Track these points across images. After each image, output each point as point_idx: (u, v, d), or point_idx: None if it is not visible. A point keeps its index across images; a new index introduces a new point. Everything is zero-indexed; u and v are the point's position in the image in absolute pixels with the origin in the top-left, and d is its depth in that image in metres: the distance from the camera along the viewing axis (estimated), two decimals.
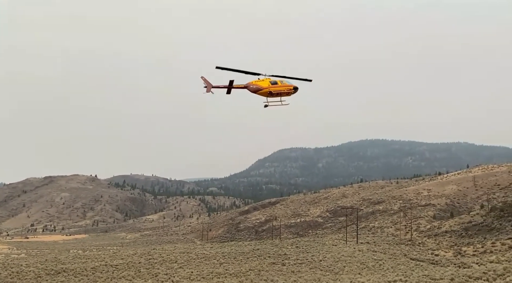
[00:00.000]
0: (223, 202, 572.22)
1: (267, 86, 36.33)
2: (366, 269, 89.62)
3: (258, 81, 36.18)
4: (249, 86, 36.01)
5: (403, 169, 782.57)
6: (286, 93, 37.19)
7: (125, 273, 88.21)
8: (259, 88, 36.17)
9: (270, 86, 36.36)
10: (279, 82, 36.66)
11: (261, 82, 36.24)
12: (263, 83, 36.27)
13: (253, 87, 36.06)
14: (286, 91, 37.06)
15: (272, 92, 36.55)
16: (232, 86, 34.87)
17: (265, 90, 36.39)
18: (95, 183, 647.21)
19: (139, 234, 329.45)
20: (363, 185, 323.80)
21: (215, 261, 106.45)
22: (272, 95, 36.92)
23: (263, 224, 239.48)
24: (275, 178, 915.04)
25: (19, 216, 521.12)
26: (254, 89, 36.12)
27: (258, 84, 36.13)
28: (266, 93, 36.55)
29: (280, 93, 37.01)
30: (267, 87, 36.36)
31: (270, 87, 36.37)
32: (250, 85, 36.08)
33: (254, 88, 36.10)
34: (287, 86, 36.95)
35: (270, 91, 36.49)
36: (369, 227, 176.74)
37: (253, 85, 36.06)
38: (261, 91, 36.35)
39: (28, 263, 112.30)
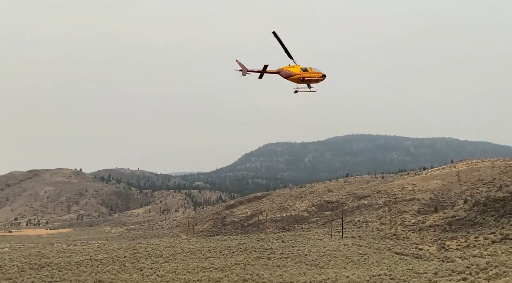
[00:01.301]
0: (209, 196, 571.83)
1: (298, 73, 36.98)
2: (351, 263, 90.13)
3: (290, 67, 36.73)
4: (281, 71, 36.57)
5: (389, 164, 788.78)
6: (315, 80, 37.87)
7: (110, 267, 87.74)
8: (291, 74, 36.77)
9: (302, 72, 37.00)
10: (309, 69, 37.37)
11: (293, 68, 36.83)
12: (294, 69, 36.85)
13: (285, 73, 36.65)
14: (315, 78, 37.72)
15: (305, 78, 37.13)
16: (265, 71, 35.35)
17: (297, 76, 37.02)
18: (80, 177, 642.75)
19: (124, 228, 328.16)
20: (348, 180, 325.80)
21: (200, 255, 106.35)
22: (303, 82, 37.52)
23: (249, 218, 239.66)
24: (261, 173, 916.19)
25: (2, 210, 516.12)
26: (286, 75, 36.66)
27: (290, 70, 36.74)
28: (297, 79, 37.19)
29: (310, 80, 37.59)
30: (299, 74, 37.01)
31: (302, 74, 37.04)
32: (282, 70, 36.62)
33: (286, 74, 36.66)
34: (317, 74, 37.64)
35: (302, 78, 37.08)
36: (354, 222, 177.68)
37: (285, 71, 36.65)
38: (292, 77, 36.91)
39: (11, 257, 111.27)
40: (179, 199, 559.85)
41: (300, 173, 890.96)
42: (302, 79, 37.23)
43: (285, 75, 36.69)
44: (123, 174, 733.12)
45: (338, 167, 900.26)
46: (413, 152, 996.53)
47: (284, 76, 36.73)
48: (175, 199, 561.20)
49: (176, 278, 71.53)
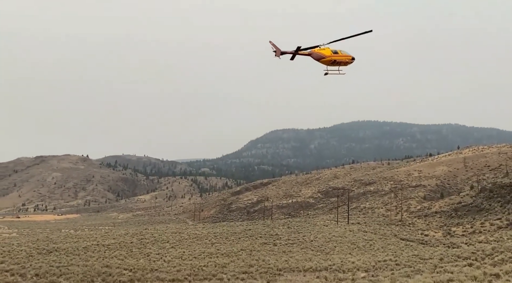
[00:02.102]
0: (215, 183, 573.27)
1: (329, 55, 37.32)
2: (356, 249, 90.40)
3: (321, 50, 37.00)
4: (312, 53, 36.87)
5: (395, 151, 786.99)
6: (345, 63, 38.29)
7: (117, 252, 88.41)
8: (322, 56, 37.11)
9: (332, 55, 37.37)
10: (339, 52, 37.73)
11: (324, 51, 37.15)
12: (325, 51, 37.17)
13: (317, 55, 36.95)
14: (345, 61, 38.13)
15: (336, 61, 37.53)
16: (297, 52, 35.64)
17: (328, 58, 37.33)
18: (87, 163, 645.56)
19: (131, 214, 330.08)
20: (354, 166, 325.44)
21: (207, 241, 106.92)
22: (334, 64, 37.91)
23: (255, 204, 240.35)
24: (267, 159, 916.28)
25: (10, 196, 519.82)
26: (317, 57, 36.98)
27: (321, 52, 37.05)
28: (328, 61, 37.48)
29: (340, 62, 38.02)
30: (330, 56, 37.34)
31: (333, 56, 37.38)
32: (314, 52, 36.93)
33: (317, 56, 36.97)
34: (347, 56, 38.08)
35: (334, 60, 37.47)
36: (360, 208, 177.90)
37: (317, 53, 36.96)
38: (324, 59, 37.19)
39: (19, 242, 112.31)
40: (185, 186, 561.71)
41: (306, 160, 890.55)
42: (333, 61, 37.58)
43: (317, 57, 37.02)
44: (129, 161, 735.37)
45: (344, 154, 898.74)
46: (419, 138, 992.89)
47: (315, 58, 37.06)
48: (181, 185, 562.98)
49: (183, 263, 72.01)
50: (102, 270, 60.03)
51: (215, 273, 58.81)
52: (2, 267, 62.31)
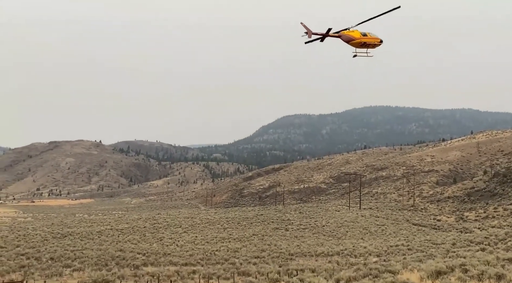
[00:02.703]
0: (227, 168, 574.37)
1: (359, 37, 37.54)
2: (368, 234, 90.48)
3: (350, 32, 37.21)
4: (342, 35, 37.12)
5: (407, 136, 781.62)
6: (373, 45, 38.51)
7: (130, 237, 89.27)
8: (352, 39, 37.33)
9: (362, 37, 37.60)
10: (368, 34, 37.91)
11: (353, 33, 37.38)
12: (354, 34, 37.40)
13: (346, 37, 37.19)
14: (373, 43, 38.35)
15: (366, 43, 37.74)
16: (327, 34, 35.83)
17: (357, 40, 37.56)
18: (100, 148, 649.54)
19: (144, 199, 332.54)
20: (366, 152, 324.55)
21: (219, 226, 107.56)
22: (363, 46, 38.12)
23: (266, 190, 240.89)
24: (279, 145, 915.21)
25: (25, 181, 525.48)
26: (347, 39, 37.22)
27: (351, 34, 37.28)
28: (357, 43, 37.73)
29: (369, 45, 38.24)
30: (359, 38, 37.56)
31: (362, 38, 37.59)
32: (343, 35, 37.16)
33: (347, 38, 37.21)
34: (375, 39, 38.32)
35: (363, 42, 37.66)
36: (372, 193, 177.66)
37: (347, 35, 37.21)
38: (353, 41, 37.41)
39: (34, 226, 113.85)
40: (197, 171, 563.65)
41: (317, 145, 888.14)
42: (362, 43, 37.70)
43: (346, 39, 37.17)
44: (141, 146, 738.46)
45: (356, 139, 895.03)
46: (432, 123, 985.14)
47: (344, 40, 37.23)
48: (193, 171, 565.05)
49: (195, 248, 72.56)
50: (116, 254, 60.74)
51: (227, 258, 59.23)
52: (17, 251, 63.27)
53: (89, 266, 50.34)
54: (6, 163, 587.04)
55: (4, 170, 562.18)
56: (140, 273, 45.07)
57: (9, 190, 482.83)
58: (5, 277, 39.22)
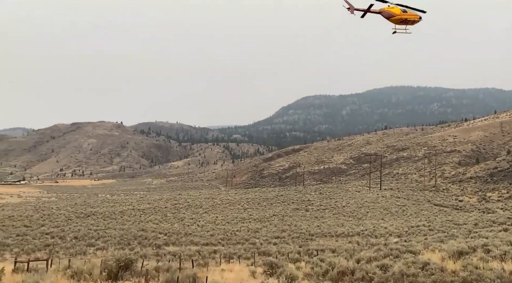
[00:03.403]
0: (247, 149, 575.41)
1: (399, 13, 37.31)
2: (389, 214, 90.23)
3: (390, 8, 36.96)
4: (383, 11, 36.95)
5: (429, 116, 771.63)
6: (412, 22, 38.33)
7: (152, 217, 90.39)
8: (392, 15, 37.09)
9: (402, 13, 37.33)
10: (408, 11, 37.71)
11: (393, 9, 37.14)
12: (395, 10, 37.16)
13: (387, 13, 36.96)
14: (413, 20, 38.17)
15: (406, 19, 37.63)
16: (369, 10, 35.73)
17: (398, 17, 37.33)
18: (121, 129, 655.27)
19: (165, 180, 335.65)
20: (387, 132, 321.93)
21: (239, 207, 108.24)
22: (402, 23, 38.01)
23: (286, 170, 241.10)
24: (299, 126, 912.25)
25: (48, 161, 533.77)
26: (387, 15, 36.99)
27: (391, 11, 37.08)
28: (398, 20, 37.52)
29: (408, 21, 38.12)
30: (400, 14, 37.33)
31: (402, 15, 37.36)
32: (384, 11, 36.99)
33: (387, 14, 36.99)
34: (415, 15, 38.07)
35: (403, 19, 37.48)
36: (393, 174, 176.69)
37: (387, 11, 36.98)
38: (393, 18, 37.19)
39: (58, 206, 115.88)
40: (217, 152, 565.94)
41: (337, 126, 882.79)
42: (401, 20, 37.42)
43: (387, 15, 36.85)
44: (162, 127, 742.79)
45: (377, 120, 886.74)
46: (455, 103, 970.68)
47: (385, 16, 36.91)
48: (213, 151, 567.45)
49: (216, 228, 73.21)
50: (138, 234, 61.63)
51: (247, 238, 59.65)
52: (42, 230, 64.57)
53: (112, 245, 51.20)
54: (30, 144, 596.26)
55: (28, 151, 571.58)
56: (162, 253, 45.72)
57: (33, 170, 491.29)
58: (31, 256, 40.12)
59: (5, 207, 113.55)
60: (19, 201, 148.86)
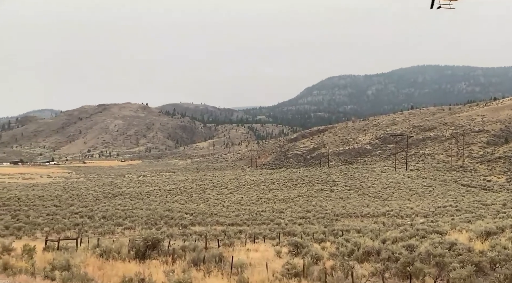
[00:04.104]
0: (271, 130, 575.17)
1: None
2: (415, 195, 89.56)
3: None
4: None
5: (456, 95, 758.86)
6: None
7: (177, 197, 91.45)
8: None
9: None
10: None
11: None
12: None
13: None
14: None
15: None
16: None
17: None
18: (147, 111, 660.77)
19: (190, 161, 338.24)
20: (413, 112, 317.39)
21: (264, 187, 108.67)
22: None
23: (311, 151, 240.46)
24: (323, 106, 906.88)
25: (76, 142, 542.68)
26: None
27: None
28: None
29: None
30: None
31: None
32: None
33: None
34: None
35: None
36: (419, 154, 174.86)
37: None
38: None
39: (87, 186, 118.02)
40: (242, 133, 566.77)
41: (363, 106, 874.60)
42: None
43: None
44: (187, 109, 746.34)
45: (403, 100, 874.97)
46: (483, 82, 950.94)
47: None
48: (238, 133, 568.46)
49: (241, 208, 73.73)
50: (164, 214, 62.49)
51: (272, 218, 59.96)
52: (71, 210, 65.94)
53: (139, 225, 52.03)
54: (58, 125, 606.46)
55: (57, 132, 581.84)
56: (188, 232, 46.29)
57: (62, 151, 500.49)
58: (61, 234, 40.99)
59: (36, 187, 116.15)
60: (48, 181, 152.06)
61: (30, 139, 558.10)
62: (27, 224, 49.17)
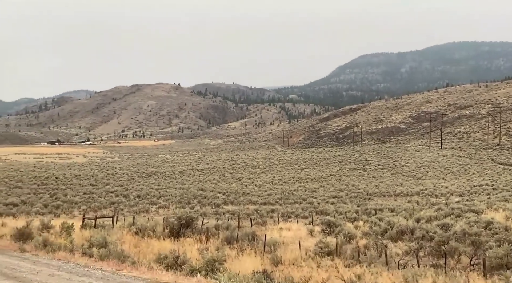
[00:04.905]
0: (303, 110, 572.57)
1: None
2: (450, 174, 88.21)
3: None
4: None
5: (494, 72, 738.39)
6: None
7: (210, 177, 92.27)
8: None
9: None
10: None
11: None
12: None
13: None
14: None
15: None
16: None
17: None
18: (179, 91, 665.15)
19: (222, 141, 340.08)
20: (449, 90, 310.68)
21: (296, 167, 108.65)
22: None
23: (343, 130, 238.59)
24: (356, 85, 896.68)
25: (111, 123, 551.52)
26: None
27: None
28: None
29: None
30: None
31: None
32: None
33: None
34: None
35: None
36: (455, 132, 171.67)
37: None
38: None
39: (121, 166, 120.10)
40: (273, 113, 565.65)
41: (396, 85, 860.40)
42: None
43: None
44: (219, 88, 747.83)
45: (438, 77, 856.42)
46: None
47: None
48: (269, 112, 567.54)
49: (273, 188, 73.99)
50: (197, 193, 63.23)
51: (305, 197, 60.04)
52: (107, 189, 67.31)
53: (173, 204, 52.80)
54: (93, 106, 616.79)
55: (92, 113, 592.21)
56: (221, 211, 46.80)
57: (97, 131, 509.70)
58: (97, 213, 41.95)
59: (72, 167, 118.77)
60: (84, 161, 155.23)
61: (66, 119, 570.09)
62: (65, 202, 50.51)
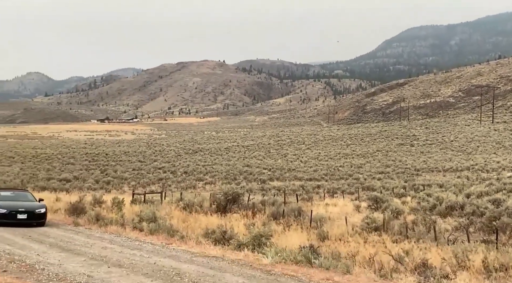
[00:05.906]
0: (348, 85, 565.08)
1: None
2: (502, 148, 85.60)
3: None
4: None
5: None
6: None
7: (256, 153, 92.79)
8: None
9: None
10: None
11: None
12: None
13: None
14: None
15: None
16: None
17: None
18: (223, 68, 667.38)
19: (267, 117, 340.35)
20: (501, 62, 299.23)
21: (342, 143, 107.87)
22: None
23: (390, 105, 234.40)
24: (403, 59, 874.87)
25: (157, 100, 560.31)
26: None
27: None
28: None
29: None
30: None
31: None
32: None
33: None
34: None
35: None
36: (507, 106, 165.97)
37: None
38: None
39: (168, 143, 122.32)
40: (318, 88, 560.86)
41: (445, 58, 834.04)
42: None
43: None
44: (263, 65, 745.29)
45: (489, 49, 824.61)
46: None
47: None
48: (314, 88, 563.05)
49: (319, 164, 73.79)
50: (243, 169, 63.78)
51: (351, 173, 59.64)
52: (155, 165, 68.77)
53: (219, 180, 53.53)
54: (140, 84, 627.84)
55: (139, 90, 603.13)
56: (266, 187, 47.11)
57: (144, 109, 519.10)
58: (146, 188, 43.03)
59: (121, 144, 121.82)
60: (133, 138, 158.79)
61: (115, 97, 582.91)
62: (115, 178, 52.02)
